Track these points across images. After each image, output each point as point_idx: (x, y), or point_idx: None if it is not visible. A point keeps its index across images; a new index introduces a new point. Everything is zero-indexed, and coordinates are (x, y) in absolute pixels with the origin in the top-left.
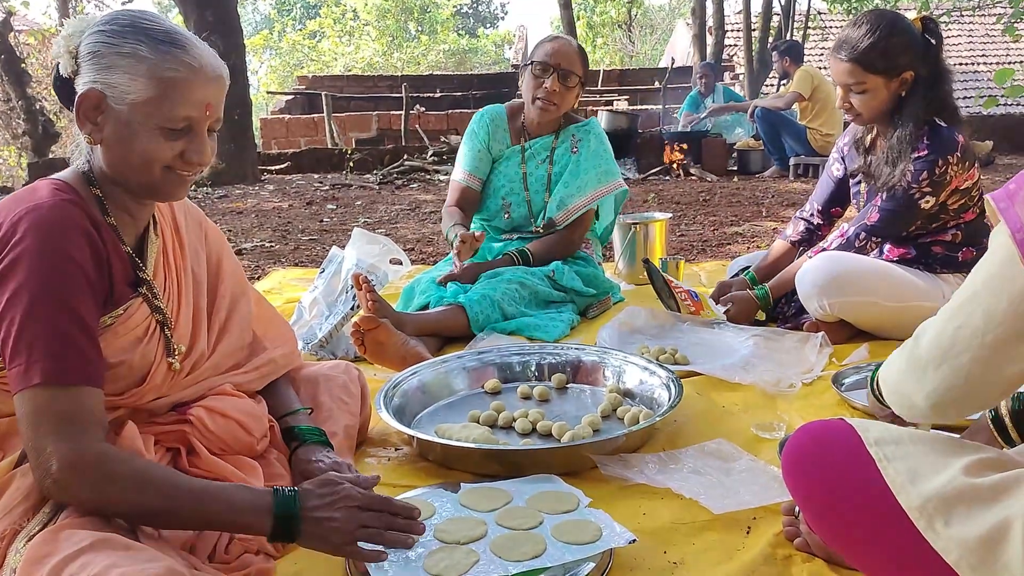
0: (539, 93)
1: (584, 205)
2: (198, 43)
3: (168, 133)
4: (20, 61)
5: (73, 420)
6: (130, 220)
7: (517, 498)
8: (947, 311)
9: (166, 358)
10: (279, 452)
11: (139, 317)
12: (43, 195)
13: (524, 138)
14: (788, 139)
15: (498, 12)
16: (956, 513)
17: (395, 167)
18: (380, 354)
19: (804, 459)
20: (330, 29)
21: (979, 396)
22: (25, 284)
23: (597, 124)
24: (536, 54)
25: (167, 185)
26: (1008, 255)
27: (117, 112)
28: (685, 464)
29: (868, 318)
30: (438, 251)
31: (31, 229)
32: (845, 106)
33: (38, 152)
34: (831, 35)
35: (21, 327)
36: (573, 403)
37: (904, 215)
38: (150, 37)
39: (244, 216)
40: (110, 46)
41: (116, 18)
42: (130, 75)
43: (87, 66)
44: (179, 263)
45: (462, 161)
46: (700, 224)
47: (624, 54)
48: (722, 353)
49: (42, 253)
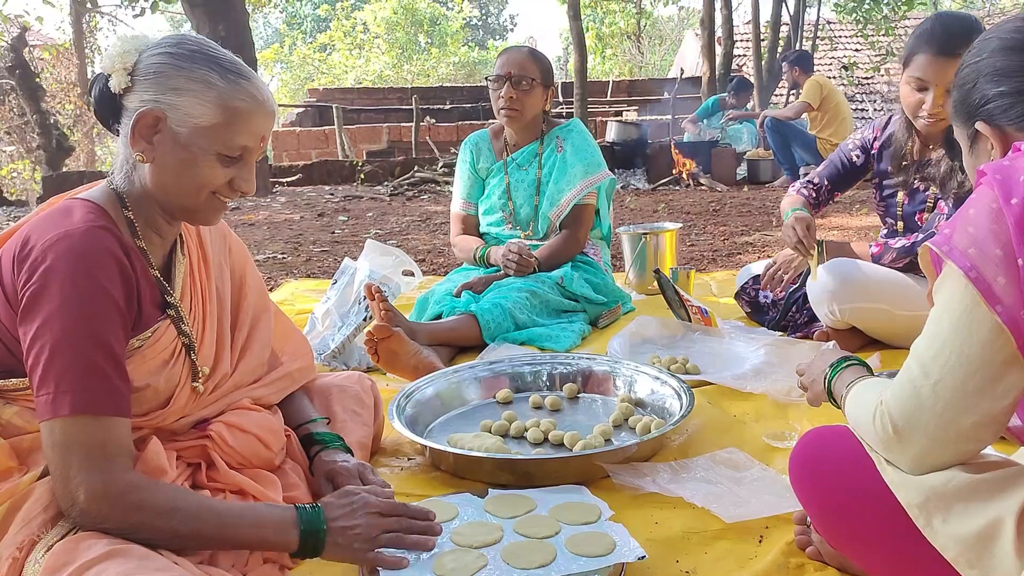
0: (500, 104)
1: (574, 197)
2: (258, 77)
3: (224, 160)
4: (35, 76)
5: (100, 450)
6: (159, 241)
7: (541, 507)
8: (916, 370)
9: (191, 382)
10: (294, 462)
11: (166, 340)
12: (76, 220)
13: (507, 152)
14: (798, 149)
15: (507, 24)
16: (954, 510)
17: (406, 179)
18: (393, 363)
19: (808, 465)
20: (340, 42)
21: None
22: (56, 312)
23: (579, 123)
24: (494, 69)
25: (208, 210)
26: (969, 299)
27: (176, 134)
28: (697, 473)
29: (879, 325)
30: (449, 262)
31: (63, 256)
32: (939, 109)
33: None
34: (840, 44)
35: (51, 355)
36: (585, 413)
37: None
38: (220, 66)
39: (256, 228)
40: (179, 69)
41: (183, 42)
42: (198, 99)
43: (147, 85)
44: (204, 283)
45: (457, 192)
46: (710, 234)
47: (633, 65)
48: (733, 362)
49: (74, 282)
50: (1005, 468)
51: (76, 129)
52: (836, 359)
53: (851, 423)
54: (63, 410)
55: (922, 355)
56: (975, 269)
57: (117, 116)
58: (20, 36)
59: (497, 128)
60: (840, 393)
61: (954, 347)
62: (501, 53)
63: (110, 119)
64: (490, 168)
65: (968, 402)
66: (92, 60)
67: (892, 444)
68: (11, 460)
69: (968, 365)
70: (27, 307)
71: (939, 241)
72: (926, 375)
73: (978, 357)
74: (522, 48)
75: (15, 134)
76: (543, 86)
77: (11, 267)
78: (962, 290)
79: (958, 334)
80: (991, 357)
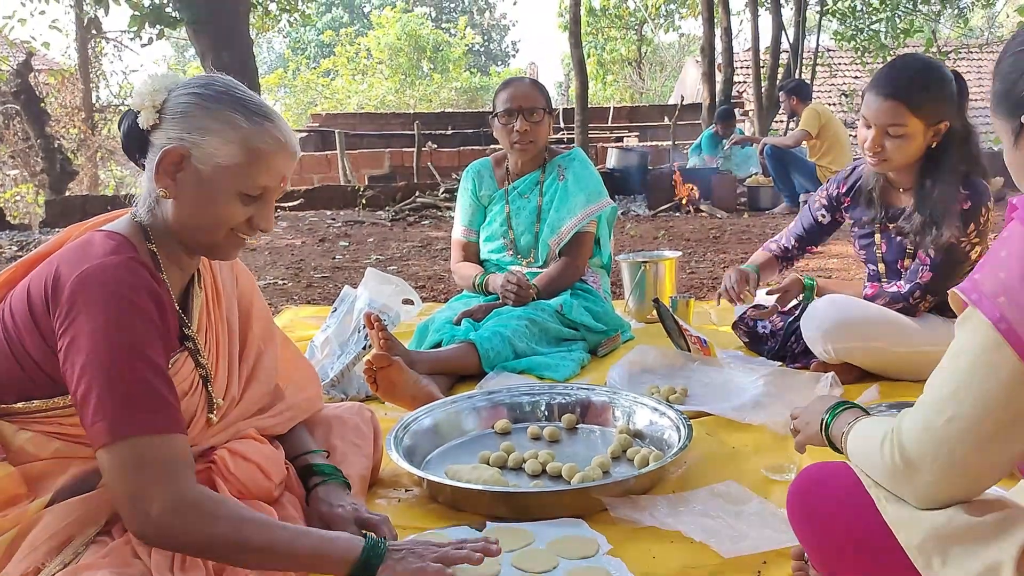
0: (513, 137)
1: (575, 225)
2: (282, 119)
3: (244, 199)
4: (39, 100)
5: (168, 466)
6: (179, 275)
7: (539, 540)
8: (929, 405)
9: (206, 413)
10: (292, 495)
11: (185, 372)
12: (104, 251)
13: (508, 181)
14: (798, 176)
15: (509, 50)
16: (952, 553)
17: (407, 203)
18: (392, 392)
19: (807, 502)
20: (344, 68)
21: (979, 483)
22: (101, 340)
23: (581, 152)
24: (498, 104)
25: (227, 246)
26: (992, 341)
27: (199, 171)
28: (695, 506)
29: (876, 362)
30: (449, 288)
31: (101, 287)
32: (876, 149)
33: (55, 190)
34: (839, 72)
35: (104, 383)
36: (583, 444)
37: (957, 269)
38: (246, 108)
39: (257, 254)
40: (206, 110)
41: (211, 84)
42: (222, 140)
43: (174, 123)
44: (218, 315)
45: (459, 219)
46: (710, 261)
47: (634, 91)
48: (732, 393)
49: (114, 308)
50: (1004, 510)
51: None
52: (833, 404)
53: (855, 458)
54: (126, 432)
55: (937, 390)
56: (1004, 320)
57: (144, 151)
58: (26, 61)
59: (499, 156)
60: (839, 433)
61: (972, 387)
62: (504, 87)
63: (137, 154)
64: (492, 196)
65: (980, 442)
66: (97, 85)
67: (899, 475)
68: (20, 487)
69: (985, 406)
70: (70, 342)
71: (967, 288)
72: (940, 411)
73: (995, 400)
74: (523, 80)
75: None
76: (549, 114)
77: (43, 299)
78: (985, 331)
79: (976, 374)
80: (1009, 402)
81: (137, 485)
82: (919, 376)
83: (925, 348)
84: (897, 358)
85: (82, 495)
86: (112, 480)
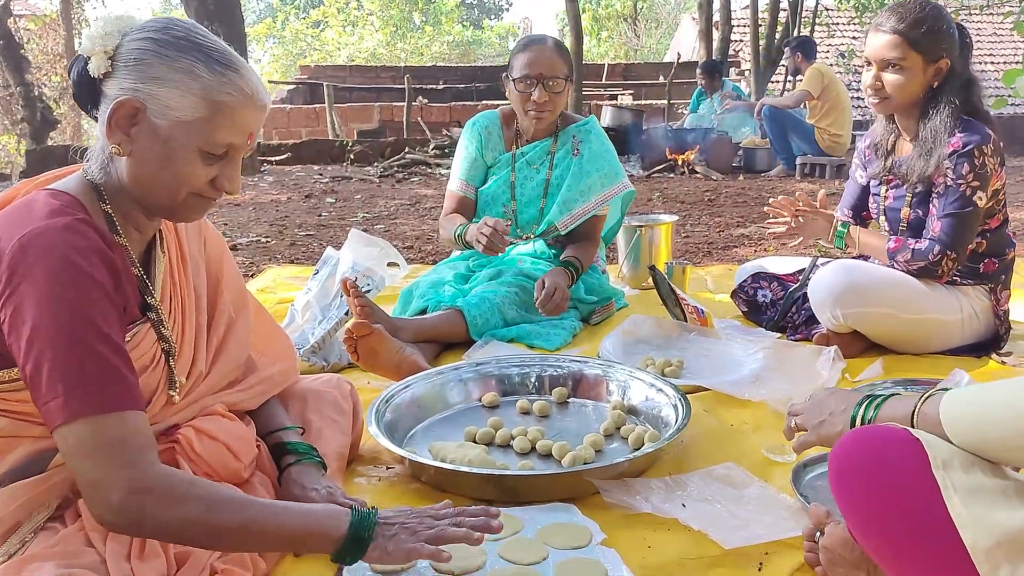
0: (529, 106)
1: (589, 210)
2: (250, 69)
3: (206, 157)
4: (20, 47)
5: (127, 445)
6: (139, 237)
7: (528, 527)
8: None
9: (167, 390)
10: (263, 475)
11: (145, 346)
12: (48, 212)
13: (517, 144)
14: (795, 138)
15: (503, 4)
16: None
17: (396, 160)
18: (374, 362)
19: (857, 468)
20: (333, 19)
21: None
22: (47, 312)
23: (596, 123)
24: (515, 67)
25: (188, 209)
26: None
27: (155, 126)
28: (692, 491)
29: (883, 330)
30: (437, 250)
31: (45, 252)
32: (876, 85)
33: (36, 139)
34: (838, 32)
35: (54, 358)
36: (574, 419)
37: (966, 217)
38: (208, 56)
39: (242, 209)
40: (163, 57)
41: (169, 28)
42: (180, 92)
43: (128, 72)
44: (183, 283)
45: (457, 171)
46: (705, 225)
47: (629, 48)
48: (730, 366)
49: (60, 278)
50: None
51: (62, 102)
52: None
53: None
54: (79, 409)
55: None
56: None
57: (96, 102)
58: (5, 5)
59: (509, 113)
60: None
61: None
62: (524, 48)
63: (88, 104)
64: (497, 158)
65: None
66: (79, 32)
67: None
68: None
69: None
70: (13, 312)
71: None
72: None
73: None
74: (547, 42)
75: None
76: (570, 81)
77: None
78: None
79: None
80: None
81: (96, 468)
82: (923, 348)
83: (932, 315)
84: (905, 325)
85: (30, 478)
86: (72, 463)
